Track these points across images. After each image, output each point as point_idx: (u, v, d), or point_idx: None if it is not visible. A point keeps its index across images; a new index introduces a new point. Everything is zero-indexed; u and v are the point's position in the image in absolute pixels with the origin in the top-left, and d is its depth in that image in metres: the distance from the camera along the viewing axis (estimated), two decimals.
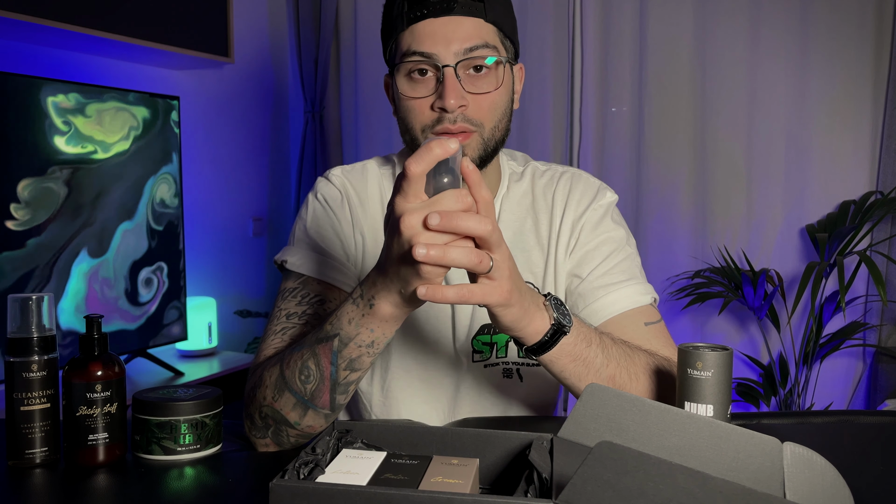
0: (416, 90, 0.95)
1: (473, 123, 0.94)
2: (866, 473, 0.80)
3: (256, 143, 3.01)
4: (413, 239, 0.66)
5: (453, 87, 0.92)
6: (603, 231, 1.07)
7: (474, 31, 0.93)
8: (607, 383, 0.86)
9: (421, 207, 0.66)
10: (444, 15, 0.92)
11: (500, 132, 0.98)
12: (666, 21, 2.53)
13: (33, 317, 0.81)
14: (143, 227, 2.23)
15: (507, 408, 1.10)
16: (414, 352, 1.08)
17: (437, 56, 0.92)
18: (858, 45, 2.36)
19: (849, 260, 2.21)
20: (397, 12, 0.95)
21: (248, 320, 2.96)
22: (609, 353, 0.87)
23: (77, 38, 2.06)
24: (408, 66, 0.94)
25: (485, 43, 0.93)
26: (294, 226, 1.11)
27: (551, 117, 2.69)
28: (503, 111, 0.98)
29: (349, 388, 0.82)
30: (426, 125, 0.94)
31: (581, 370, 0.84)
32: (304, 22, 2.96)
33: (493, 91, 0.95)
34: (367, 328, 0.77)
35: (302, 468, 0.62)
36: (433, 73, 0.94)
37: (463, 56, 0.92)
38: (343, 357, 0.79)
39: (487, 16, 0.94)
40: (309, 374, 0.81)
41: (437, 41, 0.92)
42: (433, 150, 0.65)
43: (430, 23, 0.93)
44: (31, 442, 0.80)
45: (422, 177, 0.66)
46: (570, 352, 0.83)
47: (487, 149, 0.97)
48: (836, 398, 2.46)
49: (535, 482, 0.61)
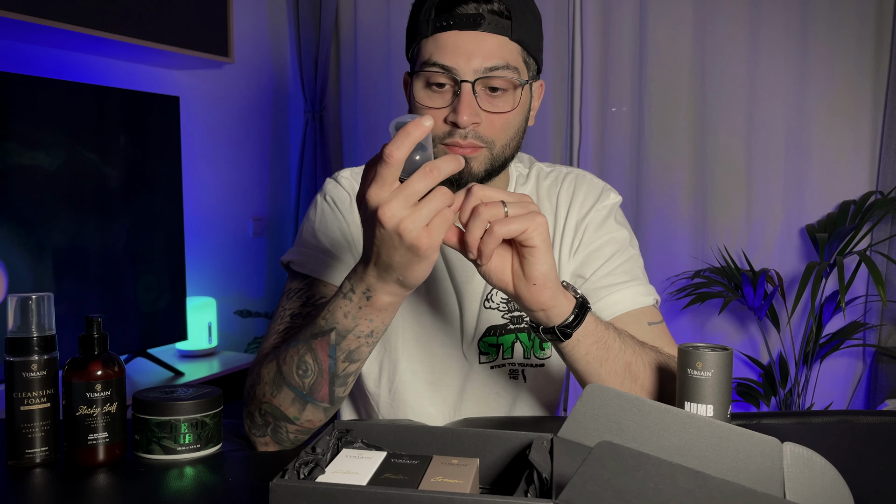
0: (432, 100, 0.94)
1: (484, 141, 0.94)
2: (866, 473, 0.79)
3: (256, 143, 3.01)
4: (399, 226, 0.67)
5: (469, 103, 0.91)
6: (606, 232, 1.07)
7: (497, 50, 0.92)
8: (624, 369, 0.87)
9: (395, 197, 0.67)
10: (470, 29, 0.91)
11: (511, 150, 0.98)
12: (666, 21, 2.53)
13: (33, 316, 0.81)
14: (143, 226, 2.23)
15: (511, 408, 1.11)
16: (422, 354, 1.09)
17: (456, 70, 0.91)
18: (858, 44, 2.36)
19: (849, 260, 2.21)
20: (424, 17, 0.94)
21: (248, 320, 2.96)
22: (624, 339, 0.88)
23: (77, 38, 2.06)
24: (426, 75, 0.94)
25: (506, 63, 0.92)
26: (301, 226, 1.11)
27: (551, 117, 2.69)
28: (516, 131, 0.97)
29: (348, 381, 0.82)
30: (437, 136, 0.94)
31: (602, 353, 0.85)
32: (304, 22, 2.96)
33: (509, 112, 0.94)
34: (366, 319, 0.77)
35: (302, 468, 0.62)
36: (451, 86, 0.93)
37: (482, 74, 0.91)
38: (342, 349, 0.79)
39: (514, 34, 0.93)
40: (307, 368, 0.81)
41: (458, 55, 0.91)
42: (412, 134, 0.66)
43: (454, 35, 0.92)
44: (31, 442, 0.80)
45: (402, 162, 0.66)
46: (593, 331, 0.84)
47: (495, 165, 0.96)
48: (836, 398, 2.46)
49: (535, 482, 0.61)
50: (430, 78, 0.93)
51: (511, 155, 0.99)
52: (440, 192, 0.68)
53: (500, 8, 0.92)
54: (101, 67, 2.35)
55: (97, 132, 2.07)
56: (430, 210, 0.67)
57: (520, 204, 0.75)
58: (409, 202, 0.67)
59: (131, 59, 2.40)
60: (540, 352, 1.09)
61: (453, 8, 0.92)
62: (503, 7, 0.92)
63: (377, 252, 0.71)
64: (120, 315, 2.16)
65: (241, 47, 2.76)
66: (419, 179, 0.67)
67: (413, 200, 0.67)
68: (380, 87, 2.99)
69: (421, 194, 0.67)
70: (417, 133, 0.66)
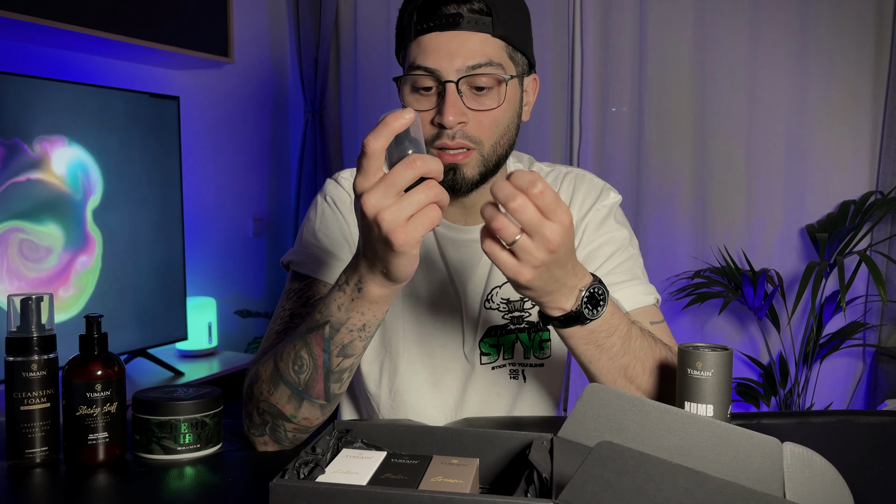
0: (419, 103, 0.94)
1: (473, 140, 0.93)
2: (866, 473, 0.79)
3: (256, 143, 3.01)
4: (378, 216, 0.67)
5: (453, 103, 0.91)
6: (606, 231, 1.07)
7: (479, 48, 0.92)
8: (619, 371, 0.87)
9: (377, 186, 0.67)
10: (450, 29, 0.91)
11: (503, 148, 0.97)
12: (666, 21, 2.53)
13: (33, 316, 0.81)
14: (143, 226, 2.23)
15: (512, 409, 1.11)
16: (423, 355, 1.09)
17: (439, 72, 0.91)
18: (858, 45, 2.36)
19: (849, 260, 2.21)
20: (407, 21, 0.95)
21: (248, 320, 2.96)
22: (628, 347, 0.87)
23: (77, 38, 2.06)
24: (411, 79, 0.94)
25: (489, 60, 0.92)
26: (302, 227, 1.11)
27: (551, 117, 2.69)
28: (505, 128, 0.96)
29: (343, 377, 0.82)
30: (427, 140, 0.94)
31: (594, 353, 0.85)
32: (304, 22, 2.96)
33: (495, 108, 0.94)
34: (358, 312, 0.78)
35: (302, 468, 0.62)
36: (436, 88, 0.93)
37: (465, 73, 0.91)
38: (335, 343, 0.79)
39: (495, 30, 0.92)
40: (302, 363, 0.81)
41: (440, 56, 0.91)
42: (390, 125, 0.66)
43: (435, 36, 0.92)
44: (31, 441, 0.80)
45: (381, 152, 0.67)
46: (585, 337, 0.84)
47: (488, 165, 0.96)
48: (836, 398, 2.46)
49: (535, 482, 0.61)
50: (416, 82, 0.93)
51: (504, 154, 0.98)
52: (426, 186, 0.67)
53: (479, 6, 0.91)
54: (101, 67, 2.35)
55: (97, 132, 2.07)
56: (411, 203, 0.67)
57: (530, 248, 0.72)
58: (389, 192, 0.67)
59: (131, 59, 2.40)
60: (539, 352, 1.09)
61: (434, 10, 0.92)
62: (482, 5, 0.91)
63: (364, 242, 0.72)
64: (120, 315, 2.16)
65: (241, 47, 2.76)
66: (401, 170, 0.67)
67: (395, 191, 0.67)
68: (380, 87, 2.99)
69: (403, 185, 0.67)
70: (396, 124, 0.66)
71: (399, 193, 0.67)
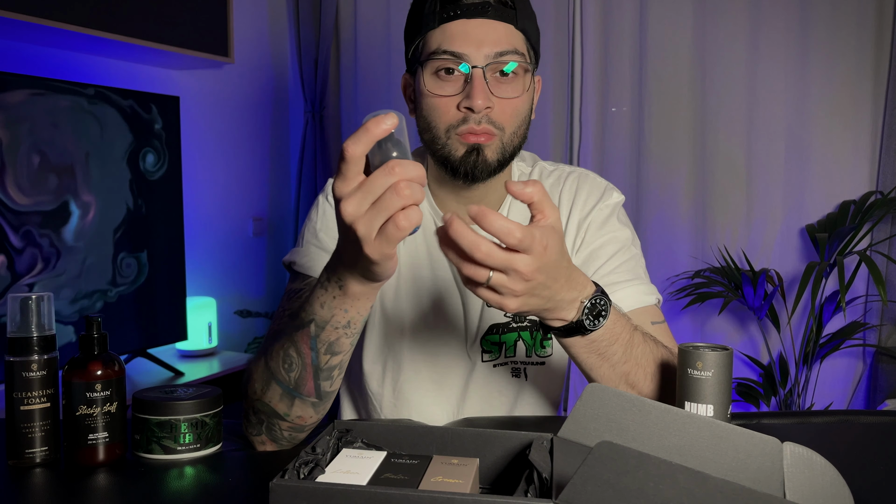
0: (442, 88, 0.95)
1: (496, 126, 0.95)
2: (866, 473, 0.79)
3: (256, 143, 3.00)
4: (354, 224, 0.66)
5: (481, 87, 0.92)
6: (608, 231, 1.07)
7: (505, 37, 0.94)
8: (620, 378, 0.87)
9: (355, 193, 0.65)
10: (478, 17, 0.94)
11: (519, 139, 0.99)
12: (666, 21, 2.53)
13: (33, 316, 0.81)
14: (143, 226, 2.23)
15: (513, 407, 1.11)
16: (425, 354, 1.09)
17: (467, 56, 0.93)
18: (858, 45, 2.36)
19: (849, 260, 2.21)
20: (428, 10, 0.96)
21: (248, 320, 2.96)
22: (630, 354, 0.86)
23: (77, 38, 2.06)
24: (436, 63, 0.94)
25: (514, 49, 0.94)
26: (303, 227, 1.11)
27: (551, 117, 2.69)
28: (524, 118, 0.98)
29: (333, 374, 0.82)
30: (451, 124, 0.95)
31: (595, 361, 0.85)
32: (304, 22, 2.96)
33: (518, 97, 0.96)
34: (341, 309, 0.77)
35: (302, 468, 0.62)
36: (461, 73, 0.94)
37: (493, 59, 0.93)
38: (322, 341, 0.79)
39: (518, 23, 0.95)
40: (291, 362, 0.81)
41: (468, 42, 0.93)
42: (370, 131, 0.64)
43: (462, 23, 0.94)
44: (31, 441, 0.80)
45: (361, 158, 0.65)
46: (587, 346, 0.83)
47: (505, 153, 0.97)
48: (836, 398, 2.46)
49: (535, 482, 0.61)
50: (440, 66, 0.94)
51: (519, 144, 1.00)
52: (392, 190, 0.64)
53: None
54: (101, 67, 2.35)
55: (97, 132, 2.07)
56: (379, 212, 0.65)
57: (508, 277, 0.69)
58: (366, 200, 0.65)
59: (131, 59, 2.40)
60: (541, 350, 1.09)
61: None
62: None
63: (342, 242, 0.72)
64: (120, 315, 2.16)
65: (241, 47, 2.76)
66: (379, 176, 0.64)
67: (372, 199, 0.65)
68: (380, 87, 2.99)
69: (380, 192, 0.65)
70: (377, 130, 0.64)
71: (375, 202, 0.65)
